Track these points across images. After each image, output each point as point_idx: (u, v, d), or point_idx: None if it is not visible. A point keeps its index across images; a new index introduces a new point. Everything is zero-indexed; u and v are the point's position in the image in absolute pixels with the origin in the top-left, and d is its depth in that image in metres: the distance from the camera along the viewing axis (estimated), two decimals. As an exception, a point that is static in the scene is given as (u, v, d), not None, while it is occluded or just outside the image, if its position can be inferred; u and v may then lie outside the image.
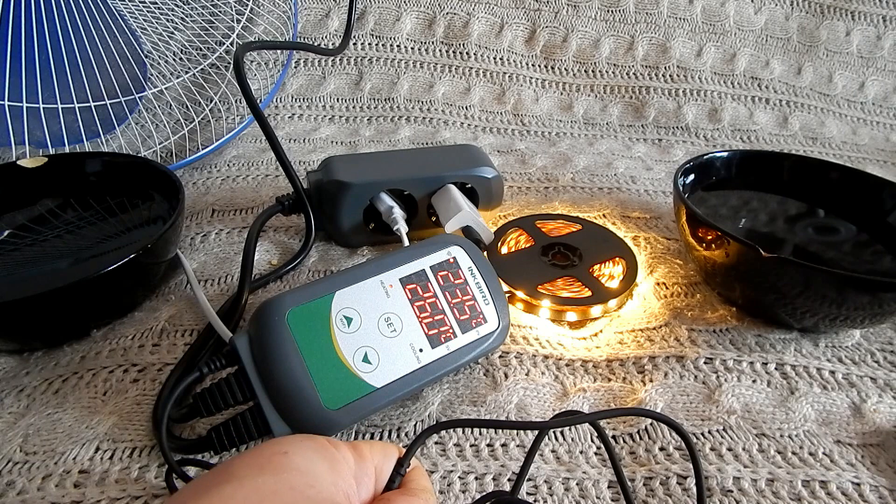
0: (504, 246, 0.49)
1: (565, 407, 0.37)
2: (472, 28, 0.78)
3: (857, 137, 0.79)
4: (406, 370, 0.33)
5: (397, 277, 0.35)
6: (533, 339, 0.42)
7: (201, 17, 0.70)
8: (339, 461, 0.22)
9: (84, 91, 0.58)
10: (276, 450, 0.21)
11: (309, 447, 0.22)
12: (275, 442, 0.22)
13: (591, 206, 0.58)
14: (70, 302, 0.38)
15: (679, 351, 0.41)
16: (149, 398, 0.36)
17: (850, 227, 0.52)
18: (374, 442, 0.25)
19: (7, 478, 0.31)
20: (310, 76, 0.77)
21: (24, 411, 0.35)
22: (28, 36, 0.55)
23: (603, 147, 0.73)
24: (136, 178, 0.50)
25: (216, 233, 0.52)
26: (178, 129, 0.65)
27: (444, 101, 0.76)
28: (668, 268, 0.50)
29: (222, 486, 0.20)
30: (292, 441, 0.22)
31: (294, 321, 0.32)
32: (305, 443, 0.22)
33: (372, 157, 0.52)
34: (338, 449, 0.23)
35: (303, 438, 0.23)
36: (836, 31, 0.82)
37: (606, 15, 0.80)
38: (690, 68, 0.79)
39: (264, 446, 0.22)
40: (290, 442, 0.22)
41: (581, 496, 0.32)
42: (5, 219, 0.48)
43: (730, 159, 0.55)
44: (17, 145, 0.55)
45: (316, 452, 0.22)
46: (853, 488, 0.33)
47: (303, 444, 0.22)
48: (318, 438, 0.23)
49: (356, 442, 0.24)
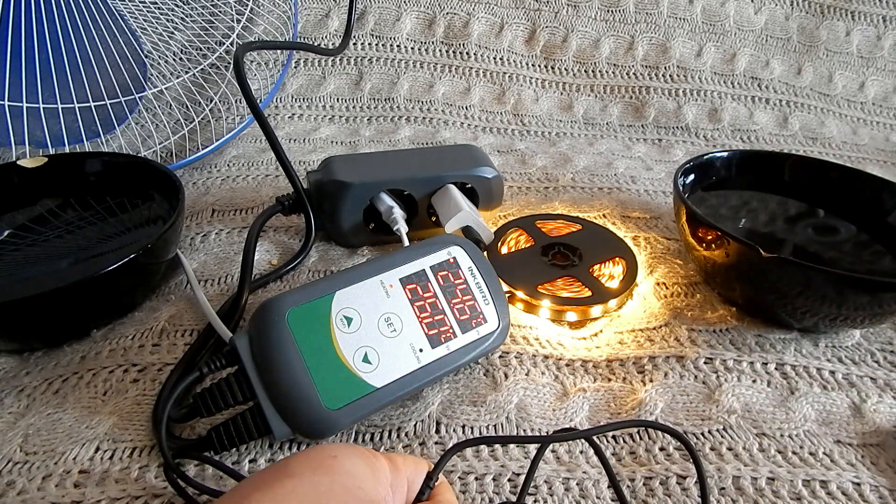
0: (504, 246, 0.49)
1: (565, 407, 0.37)
2: (472, 28, 0.78)
3: (857, 137, 0.79)
4: (406, 370, 0.33)
5: (397, 277, 0.35)
6: (533, 339, 0.42)
7: (201, 17, 0.70)
8: (379, 469, 0.24)
9: (84, 91, 0.58)
10: (327, 454, 0.23)
11: (355, 454, 0.24)
12: (323, 447, 0.24)
13: (591, 206, 0.58)
14: (70, 302, 0.38)
15: (679, 351, 0.41)
16: (149, 398, 0.36)
17: (850, 227, 0.52)
18: (407, 455, 0.27)
19: (7, 478, 0.31)
20: (310, 76, 0.77)
21: (24, 411, 0.35)
22: (28, 36, 0.55)
23: (603, 147, 0.73)
24: (136, 178, 0.50)
25: (216, 233, 0.52)
26: (178, 129, 0.65)
27: (444, 101, 0.76)
28: (668, 268, 0.50)
29: (283, 480, 0.21)
30: (340, 447, 0.25)
31: (294, 321, 0.32)
32: (351, 450, 0.24)
33: (372, 157, 0.52)
34: (376, 458, 0.25)
35: (349, 447, 0.25)
36: (836, 31, 0.82)
37: (606, 15, 0.80)
38: (690, 68, 0.79)
39: (314, 450, 0.24)
40: (338, 448, 0.24)
41: (581, 496, 0.32)
42: (5, 219, 0.48)
43: (730, 159, 0.55)
44: (17, 145, 0.55)
45: (360, 458, 0.24)
46: (853, 488, 0.33)
47: (350, 451, 0.24)
48: (359, 447, 0.25)
49: (391, 454, 0.26)
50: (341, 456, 0.23)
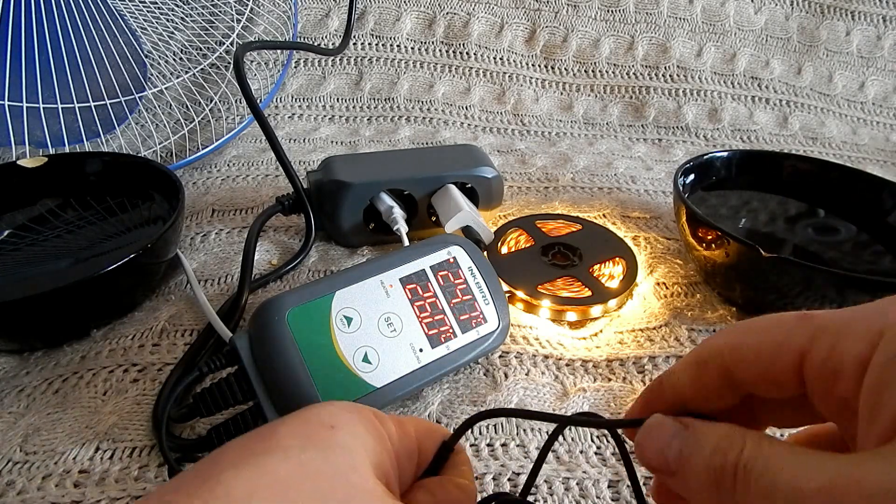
0: (504, 246, 0.49)
1: (565, 407, 0.37)
2: (472, 28, 0.78)
3: (857, 137, 0.79)
4: (406, 370, 0.33)
5: (397, 277, 0.35)
6: (533, 339, 0.42)
7: (201, 17, 0.70)
8: (385, 439, 0.21)
9: (84, 91, 0.58)
10: (323, 421, 0.20)
11: (356, 422, 0.20)
12: (320, 410, 0.20)
13: (591, 206, 0.58)
14: (70, 302, 0.38)
15: (679, 351, 0.41)
16: (149, 398, 0.36)
17: (850, 227, 0.52)
18: (420, 419, 0.24)
19: (7, 478, 0.31)
20: (310, 76, 0.77)
21: (24, 411, 0.35)
22: (28, 36, 0.55)
23: (603, 147, 0.73)
24: (136, 178, 0.50)
25: (216, 233, 0.52)
26: (178, 129, 0.65)
27: (444, 101, 0.76)
28: (668, 268, 0.50)
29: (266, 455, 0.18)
30: (339, 413, 0.20)
31: (294, 321, 0.32)
32: (353, 416, 0.20)
33: (372, 157, 0.52)
34: (383, 423, 0.21)
35: (349, 409, 0.21)
36: (836, 31, 0.82)
37: (606, 15, 0.80)
38: (690, 68, 0.79)
39: (309, 414, 0.20)
40: (336, 414, 0.20)
41: (581, 496, 0.32)
42: (5, 219, 0.48)
43: (730, 159, 0.55)
44: (17, 145, 0.55)
45: (363, 427, 0.20)
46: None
47: (350, 419, 0.20)
48: (364, 410, 0.21)
49: (402, 417, 0.23)
50: (339, 426, 0.20)
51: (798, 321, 0.17)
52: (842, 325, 0.16)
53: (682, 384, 0.20)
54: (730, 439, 0.17)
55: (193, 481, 0.17)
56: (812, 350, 0.17)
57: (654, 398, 0.21)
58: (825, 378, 0.16)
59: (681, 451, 0.18)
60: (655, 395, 0.21)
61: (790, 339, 0.17)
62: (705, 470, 0.17)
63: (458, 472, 0.23)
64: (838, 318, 0.17)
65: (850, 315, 0.17)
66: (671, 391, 0.20)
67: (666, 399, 0.20)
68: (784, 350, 0.17)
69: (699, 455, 0.17)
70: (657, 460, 0.18)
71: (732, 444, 0.16)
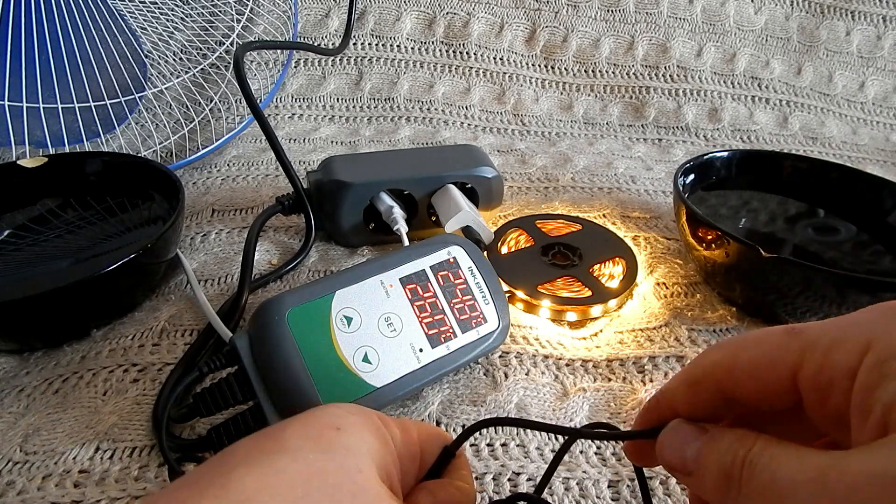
0: (504, 246, 0.49)
1: (565, 407, 0.37)
2: (472, 28, 0.78)
3: (857, 137, 0.79)
4: (406, 370, 0.33)
5: (397, 277, 0.35)
6: (533, 338, 0.42)
7: (201, 17, 0.70)
8: (389, 441, 0.22)
9: (84, 91, 0.58)
10: (329, 422, 0.20)
11: (362, 425, 0.21)
12: (327, 412, 0.21)
13: (591, 206, 0.58)
14: (70, 302, 0.38)
15: (679, 351, 0.41)
16: (149, 398, 0.36)
17: (850, 227, 0.52)
18: (423, 423, 0.25)
19: (7, 478, 0.31)
20: (310, 76, 0.77)
21: (24, 411, 0.35)
22: (28, 36, 0.55)
23: (603, 147, 0.73)
24: (136, 178, 0.50)
25: (216, 233, 0.52)
26: (178, 129, 0.65)
27: (444, 101, 0.76)
28: (668, 268, 0.50)
29: (275, 454, 0.18)
30: (345, 415, 0.21)
31: (294, 321, 0.32)
32: (358, 419, 0.21)
33: (372, 157, 0.52)
34: (387, 426, 0.22)
35: (355, 412, 0.21)
36: (836, 31, 0.82)
37: (606, 15, 0.80)
38: (690, 68, 0.79)
39: (316, 416, 0.21)
40: (342, 416, 0.21)
41: (581, 496, 0.32)
42: (5, 219, 0.48)
43: (730, 159, 0.55)
44: (17, 145, 0.55)
45: (368, 430, 0.21)
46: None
47: (356, 421, 0.21)
48: (369, 413, 0.22)
49: (405, 420, 0.24)
50: (344, 428, 0.20)
51: (787, 337, 0.18)
52: (830, 339, 0.17)
53: (678, 402, 0.21)
54: (742, 440, 0.17)
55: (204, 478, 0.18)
56: (803, 365, 0.17)
57: (654, 417, 0.22)
58: (819, 391, 0.17)
59: (699, 452, 0.18)
60: (654, 414, 0.22)
61: (781, 355, 0.18)
62: (718, 467, 0.17)
63: (458, 476, 0.23)
64: (826, 332, 0.17)
65: (837, 328, 0.17)
66: (669, 410, 0.21)
67: (664, 418, 0.21)
68: (776, 367, 0.18)
69: (714, 454, 0.18)
70: (676, 460, 0.19)
71: (744, 443, 0.17)
